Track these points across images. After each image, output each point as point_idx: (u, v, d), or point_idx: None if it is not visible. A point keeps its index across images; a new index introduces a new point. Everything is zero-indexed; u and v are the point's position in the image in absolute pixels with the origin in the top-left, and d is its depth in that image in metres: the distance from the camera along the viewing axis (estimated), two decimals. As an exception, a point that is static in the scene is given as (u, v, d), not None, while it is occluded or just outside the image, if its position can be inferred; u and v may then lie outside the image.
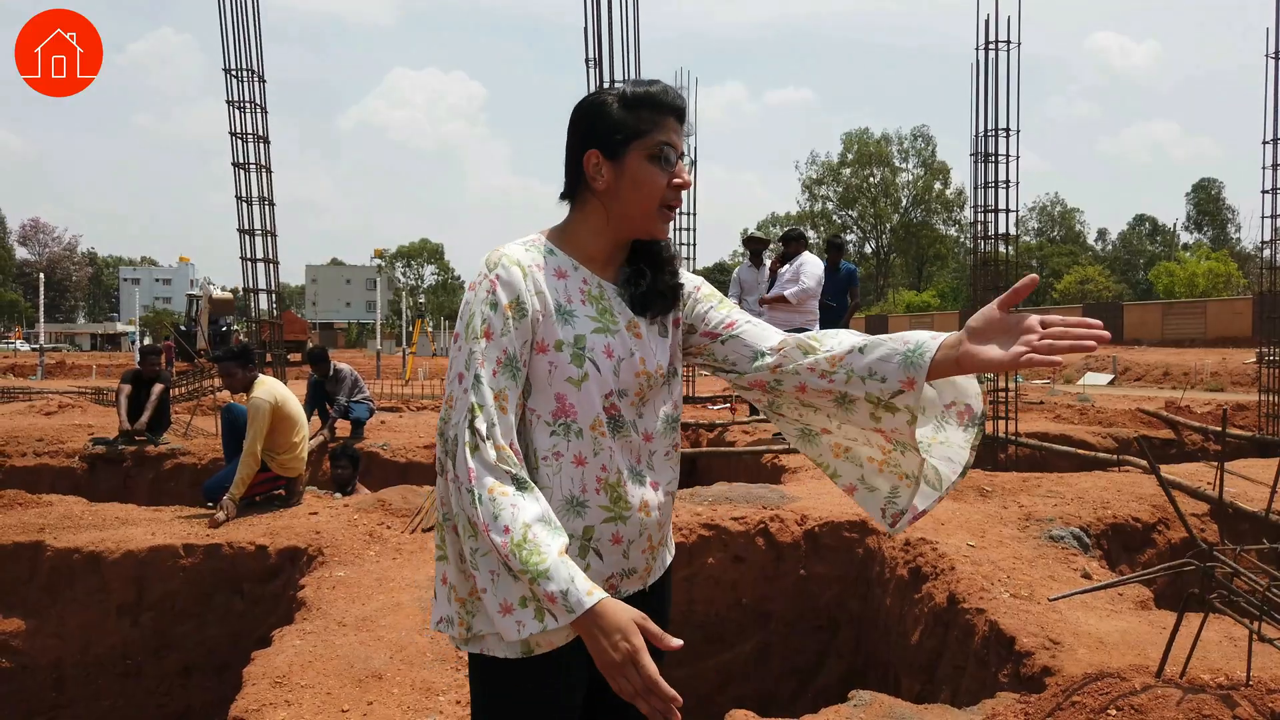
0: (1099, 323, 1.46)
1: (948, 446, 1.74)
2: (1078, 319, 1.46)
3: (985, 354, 1.49)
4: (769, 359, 1.73)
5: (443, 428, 1.56)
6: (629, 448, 1.65)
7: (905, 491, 1.75)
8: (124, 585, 5.14)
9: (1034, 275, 1.54)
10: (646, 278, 1.70)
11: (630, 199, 1.64)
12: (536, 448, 1.60)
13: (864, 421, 1.68)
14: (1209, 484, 6.13)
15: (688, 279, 1.82)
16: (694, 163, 14.06)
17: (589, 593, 1.43)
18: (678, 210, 1.72)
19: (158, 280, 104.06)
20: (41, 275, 29.47)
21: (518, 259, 1.59)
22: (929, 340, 1.58)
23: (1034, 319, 1.48)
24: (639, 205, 1.64)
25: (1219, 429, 9.50)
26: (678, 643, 1.42)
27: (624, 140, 1.62)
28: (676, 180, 1.64)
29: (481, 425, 1.50)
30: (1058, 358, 1.43)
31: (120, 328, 70.56)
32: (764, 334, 1.78)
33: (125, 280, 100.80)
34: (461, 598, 1.60)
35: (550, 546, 1.45)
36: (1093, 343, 1.43)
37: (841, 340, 1.68)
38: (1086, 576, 4.52)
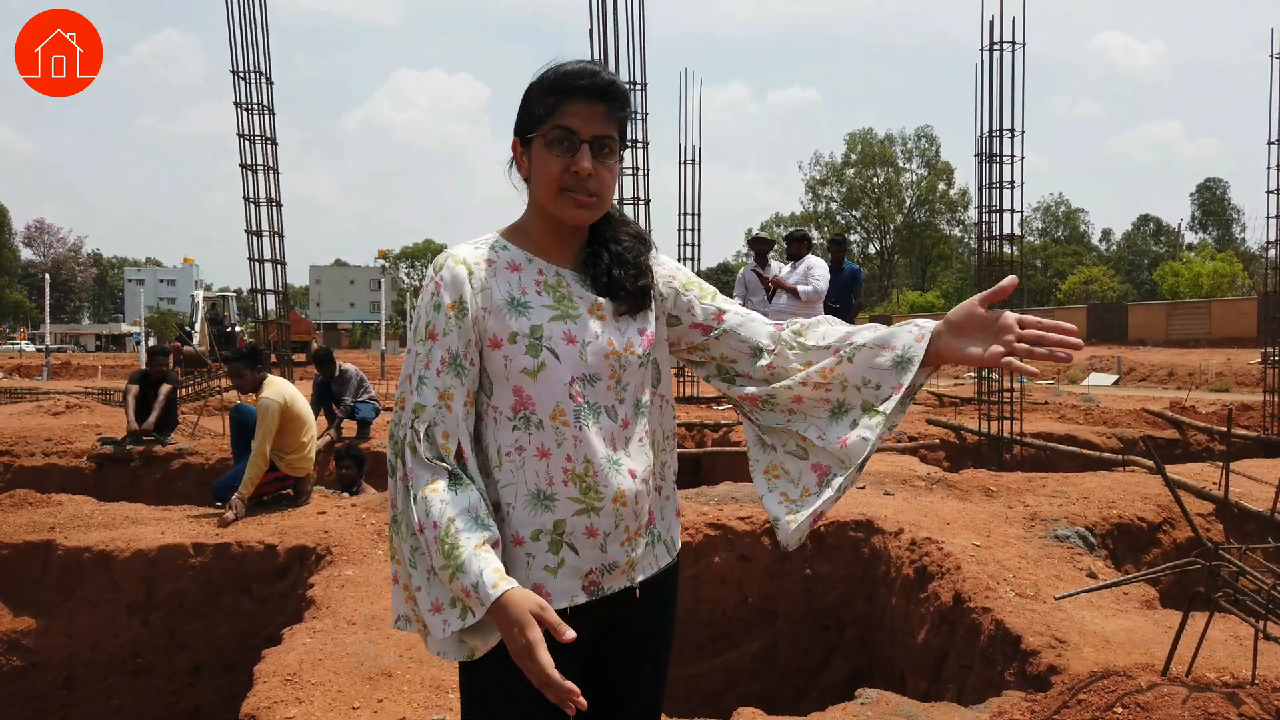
0: (1073, 327, 1.48)
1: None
2: (1053, 322, 1.49)
3: (964, 350, 1.57)
4: (765, 359, 1.73)
5: (393, 429, 1.58)
6: (604, 435, 1.60)
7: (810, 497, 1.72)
8: (134, 584, 5.18)
9: (1014, 276, 1.55)
10: (604, 259, 1.65)
11: (536, 186, 1.61)
12: (500, 445, 1.58)
13: (841, 430, 1.67)
14: (1214, 484, 6.13)
15: (663, 264, 1.77)
16: (696, 163, 14.08)
17: (494, 585, 1.42)
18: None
19: (162, 281, 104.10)
20: (47, 276, 29.50)
21: (463, 258, 1.59)
22: (915, 344, 1.61)
23: (1011, 317, 1.53)
24: (541, 192, 1.59)
25: (1224, 429, 9.50)
26: (571, 634, 1.39)
27: (531, 127, 1.60)
28: (574, 168, 1.55)
29: (421, 425, 1.52)
30: (1033, 368, 1.51)
31: (125, 328, 70.71)
32: (756, 326, 1.76)
33: (130, 281, 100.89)
34: (414, 595, 1.59)
35: (469, 540, 1.45)
36: (1066, 352, 1.48)
37: (827, 342, 1.70)
38: (1092, 576, 4.54)
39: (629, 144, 1.72)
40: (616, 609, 1.66)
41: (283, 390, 6.13)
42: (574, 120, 1.55)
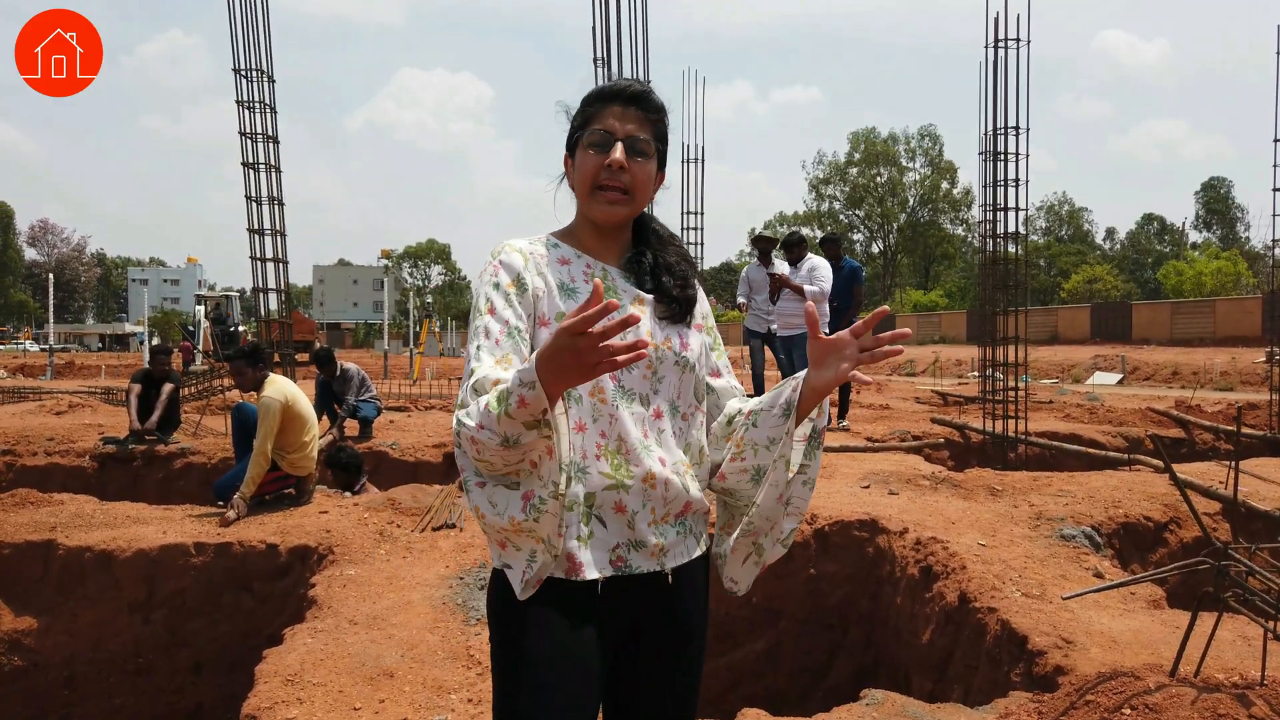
0: (904, 332, 1.59)
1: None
2: (889, 334, 1.60)
3: (823, 378, 1.66)
4: (726, 429, 1.81)
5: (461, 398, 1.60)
6: (635, 419, 1.67)
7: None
8: (135, 583, 5.16)
9: (885, 308, 1.75)
10: (648, 260, 1.78)
11: (577, 187, 1.75)
12: None
13: (770, 496, 1.73)
14: (1220, 483, 6.10)
15: (703, 300, 1.88)
16: (699, 161, 14.05)
17: (525, 367, 1.44)
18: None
19: (165, 281, 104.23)
20: (50, 276, 29.46)
21: (519, 247, 1.72)
22: (793, 394, 1.69)
23: (846, 335, 1.63)
24: (580, 190, 1.74)
25: (1230, 428, 9.47)
26: (598, 284, 1.36)
27: (576, 137, 1.75)
28: (607, 162, 1.68)
29: (478, 383, 1.56)
30: (865, 377, 1.63)
31: (129, 328, 70.67)
32: (730, 398, 1.85)
33: (133, 281, 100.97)
34: (538, 513, 1.56)
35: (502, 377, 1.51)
36: (896, 347, 1.58)
37: (734, 419, 1.79)
38: (1098, 575, 4.51)
39: (666, 157, 1.82)
40: (648, 596, 1.70)
41: (284, 389, 6.11)
42: (610, 122, 1.70)
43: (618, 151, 1.68)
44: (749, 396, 1.86)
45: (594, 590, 1.63)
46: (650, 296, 1.76)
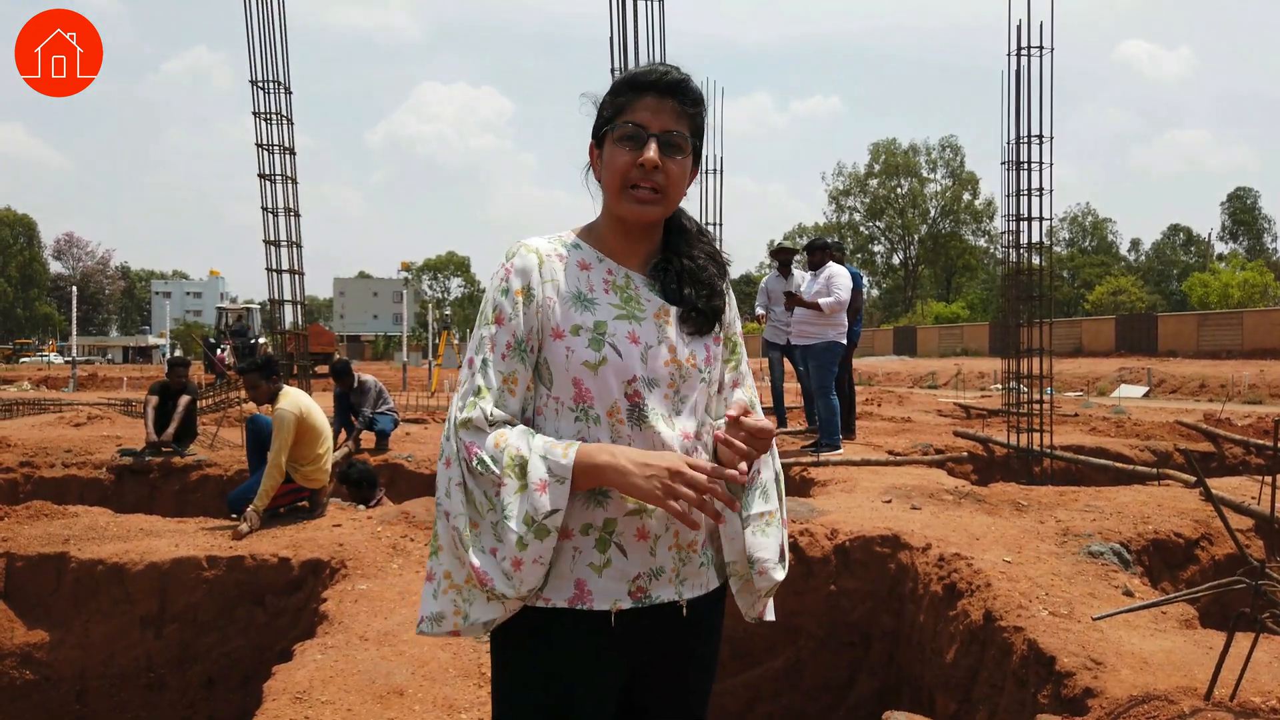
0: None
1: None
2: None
3: None
4: None
5: (451, 410, 1.59)
6: (657, 442, 1.56)
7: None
8: (147, 597, 5.12)
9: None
10: (674, 268, 1.66)
11: (605, 183, 1.62)
12: (561, 435, 1.56)
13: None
14: (1252, 498, 5.95)
15: (731, 304, 1.76)
16: (718, 172, 13.99)
17: (564, 454, 1.48)
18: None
19: (188, 293, 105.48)
20: (75, 289, 29.84)
21: (536, 248, 1.61)
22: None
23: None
24: (609, 187, 1.61)
25: (1262, 442, 9.28)
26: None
27: (605, 127, 1.62)
28: (640, 160, 1.55)
29: (486, 405, 1.53)
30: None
31: (152, 340, 71.40)
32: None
33: (157, 294, 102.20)
34: (457, 584, 1.56)
35: (522, 446, 1.49)
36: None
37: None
38: (1128, 594, 4.38)
39: (702, 151, 1.71)
40: (661, 627, 1.61)
41: (298, 401, 6.07)
42: (643, 115, 1.57)
43: (651, 150, 1.55)
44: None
45: (606, 620, 1.55)
46: (675, 308, 1.65)
